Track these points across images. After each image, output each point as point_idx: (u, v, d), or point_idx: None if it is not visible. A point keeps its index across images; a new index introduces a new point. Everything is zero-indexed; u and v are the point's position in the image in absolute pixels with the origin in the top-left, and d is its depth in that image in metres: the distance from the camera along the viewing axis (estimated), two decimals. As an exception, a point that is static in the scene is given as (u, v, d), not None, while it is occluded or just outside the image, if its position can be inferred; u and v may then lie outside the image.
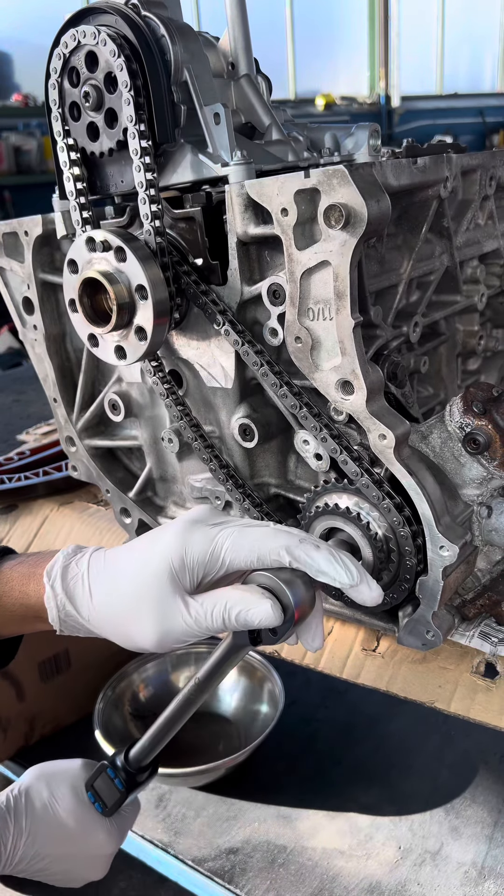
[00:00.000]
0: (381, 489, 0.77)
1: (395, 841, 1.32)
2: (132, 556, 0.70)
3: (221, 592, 0.66)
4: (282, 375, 0.82)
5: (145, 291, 0.80)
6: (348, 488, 0.80)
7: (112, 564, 0.71)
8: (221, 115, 0.81)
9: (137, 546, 0.71)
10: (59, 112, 0.87)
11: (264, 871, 1.29)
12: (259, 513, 0.90)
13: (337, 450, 0.80)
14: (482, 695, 0.82)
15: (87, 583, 0.71)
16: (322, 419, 0.80)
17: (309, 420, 0.81)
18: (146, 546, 0.70)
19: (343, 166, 0.67)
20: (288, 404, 0.82)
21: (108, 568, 0.71)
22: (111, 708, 1.56)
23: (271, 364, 0.82)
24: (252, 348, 0.82)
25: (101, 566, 0.71)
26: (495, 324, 1.14)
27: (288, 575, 0.65)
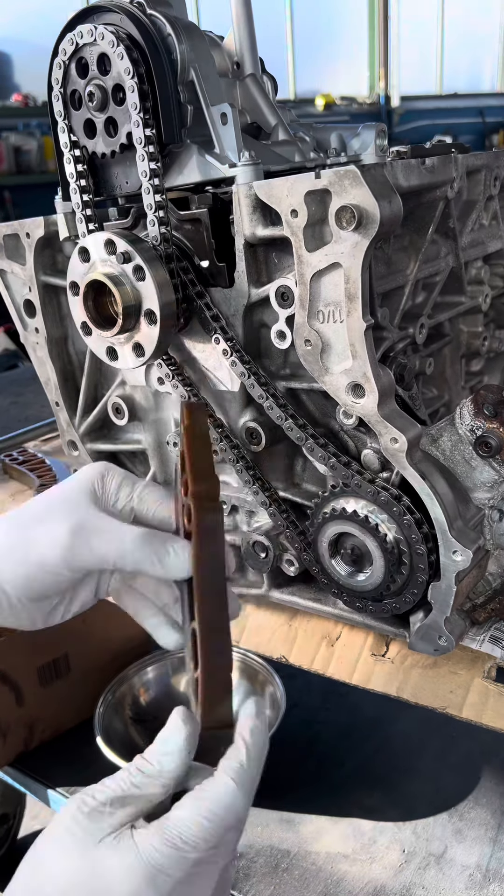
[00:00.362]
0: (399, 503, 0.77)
1: (399, 844, 1.32)
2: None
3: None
4: (268, 388, 0.82)
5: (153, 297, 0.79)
6: (357, 493, 0.80)
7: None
8: (228, 115, 0.81)
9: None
10: (60, 91, 0.85)
11: (268, 875, 1.28)
12: (285, 520, 0.89)
13: (325, 457, 0.79)
14: (494, 700, 0.81)
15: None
16: (308, 430, 0.80)
17: (294, 431, 0.80)
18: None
19: (355, 167, 0.66)
20: (274, 416, 0.81)
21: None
22: (112, 712, 1.55)
23: (258, 375, 0.82)
24: (240, 357, 0.81)
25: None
26: (498, 324, 1.13)
27: None
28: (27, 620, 0.70)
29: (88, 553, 0.64)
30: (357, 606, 0.86)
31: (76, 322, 0.89)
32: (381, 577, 0.81)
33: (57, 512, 0.66)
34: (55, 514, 0.66)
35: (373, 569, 0.82)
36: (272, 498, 0.89)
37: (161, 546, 0.64)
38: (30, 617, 0.70)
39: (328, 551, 0.85)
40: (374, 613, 0.86)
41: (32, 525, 0.66)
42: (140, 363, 0.85)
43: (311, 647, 0.96)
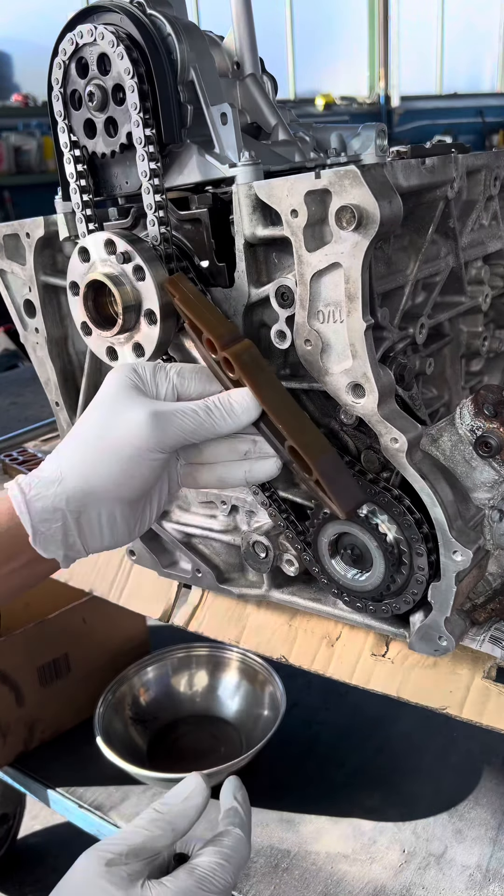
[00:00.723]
0: (399, 503, 0.77)
1: (399, 844, 1.32)
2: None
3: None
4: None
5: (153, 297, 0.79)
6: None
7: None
8: (228, 114, 0.81)
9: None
10: (60, 91, 0.85)
11: (268, 875, 1.28)
12: (285, 520, 0.89)
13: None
14: (494, 700, 0.81)
15: (49, 459, 0.68)
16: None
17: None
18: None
19: (355, 167, 0.66)
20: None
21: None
22: (112, 712, 1.55)
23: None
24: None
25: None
26: (498, 324, 1.13)
27: None
28: (124, 533, 0.71)
29: (174, 430, 0.68)
30: (357, 606, 0.86)
31: (76, 322, 0.89)
32: (381, 577, 0.81)
33: (121, 406, 0.69)
34: (121, 408, 0.69)
35: (373, 569, 0.82)
36: (272, 498, 0.89)
37: (225, 403, 0.70)
38: (126, 525, 0.71)
39: (328, 551, 0.85)
40: (374, 613, 0.86)
41: (107, 427, 0.69)
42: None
43: (311, 647, 0.96)
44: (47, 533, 0.67)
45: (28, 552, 0.67)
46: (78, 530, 0.68)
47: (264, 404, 0.70)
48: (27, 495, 0.67)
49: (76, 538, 0.69)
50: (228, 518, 1.00)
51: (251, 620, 1.03)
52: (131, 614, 1.24)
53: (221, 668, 1.65)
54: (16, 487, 0.68)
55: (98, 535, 0.70)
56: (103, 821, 1.42)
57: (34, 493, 0.67)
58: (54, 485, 0.67)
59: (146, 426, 0.68)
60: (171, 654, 1.68)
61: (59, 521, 0.67)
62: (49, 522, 0.67)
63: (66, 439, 0.71)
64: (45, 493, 0.67)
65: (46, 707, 1.62)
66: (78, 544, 0.69)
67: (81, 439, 0.70)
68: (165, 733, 1.58)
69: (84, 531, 0.69)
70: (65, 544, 0.68)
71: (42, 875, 1.89)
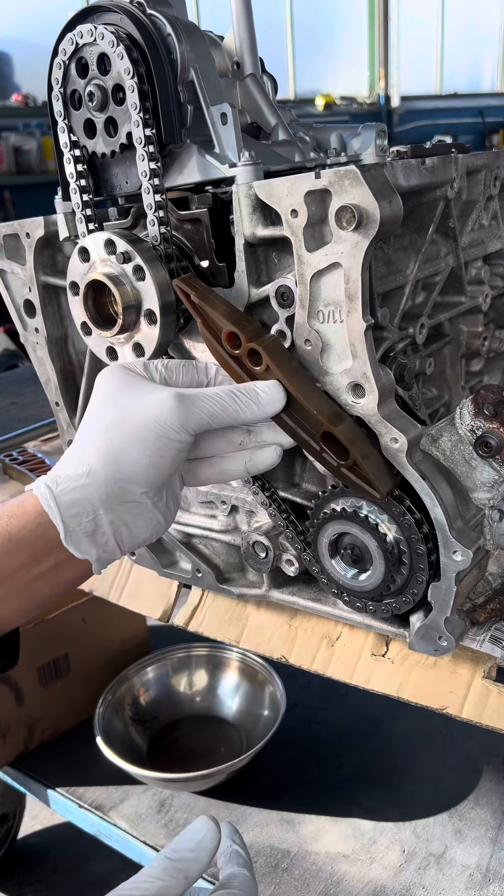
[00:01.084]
0: (399, 503, 0.77)
1: (399, 844, 1.32)
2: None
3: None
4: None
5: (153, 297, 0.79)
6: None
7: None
8: (228, 114, 0.81)
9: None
10: (60, 91, 0.85)
11: (268, 875, 1.28)
12: (284, 520, 0.89)
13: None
14: (494, 700, 0.81)
15: (70, 455, 0.67)
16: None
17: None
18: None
19: (355, 167, 0.66)
20: None
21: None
22: (111, 713, 1.55)
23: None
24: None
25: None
26: (498, 324, 1.13)
27: None
28: (155, 524, 0.70)
29: (198, 412, 0.68)
30: (357, 606, 0.86)
31: (76, 322, 0.89)
32: (381, 577, 0.81)
33: (138, 391, 0.70)
34: (138, 393, 0.69)
35: (373, 569, 0.82)
36: (272, 498, 0.89)
37: (251, 392, 0.71)
38: (156, 516, 0.70)
39: (328, 551, 0.85)
40: (374, 613, 0.86)
41: (129, 410, 0.68)
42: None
43: (311, 647, 0.96)
44: (79, 529, 0.65)
45: (57, 553, 0.65)
46: (110, 523, 0.66)
47: (296, 392, 0.72)
48: (55, 491, 0.65)
49: (109, 533, 0.67)
50: (228, 518, 1.00)
51: (251, 620, 1.03)
52: (131, 614, 1.24)
53: (221, 668, 1.65)
54: (42, 485, 0.65)
55: (131, 527, 0.68)
56: (103, 821, 1.41)
57: (62, 487, 0.65)
58: (83, 477, 0.65)
59: (172, 405, 0.67)
60: (171, 654, 1.68)
61: (90, 514, 0.65)
62: (80, 517, 0.65)
63: (83, 434, 0.69)
64: (73, 485, 0.65)
65: (46, 707, 1.62)
66: (112, 541, 0.67)
67: (102, 428, 0.68)
68: (165, 733, 1.58)
69: (116, 524, 0.67)
70: (97, 542, 0.66)
71: (42, 875, 1.89)
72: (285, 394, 0.73)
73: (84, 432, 0.69)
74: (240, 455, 0.76)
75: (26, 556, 0.65)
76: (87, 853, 1.86)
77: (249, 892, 0.68)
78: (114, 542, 0.68)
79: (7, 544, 0.64)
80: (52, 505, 0.64)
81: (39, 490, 0.65)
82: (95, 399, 0.71)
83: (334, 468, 0.74)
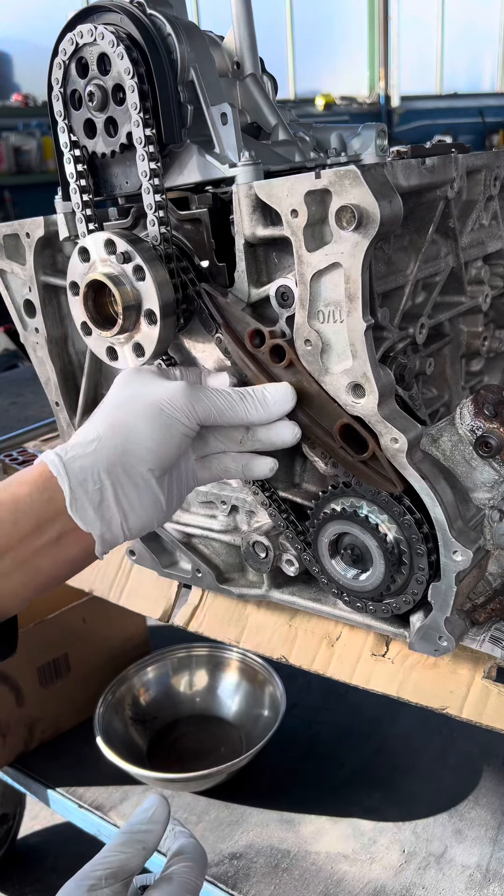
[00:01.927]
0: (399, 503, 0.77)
1: (399, 844, 1.32)
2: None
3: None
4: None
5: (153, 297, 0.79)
6: (357, 492, 0.80)
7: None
8: (228, 114, 0.81)
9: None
10: (60, 91, 0.85)
11: (268, 875, 1.28)
12: (284, 520, 0.89)
13: (325, 456, 0.80)
14: (494, 699, 0.81)
15: (82, 427, 0.70)
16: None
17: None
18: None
19: (355, 167, 0.66)
20: None
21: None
22: (111, 712, 1.55)
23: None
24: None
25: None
26: (498, 324, 1.13)
27: None
28: (159, 506, 0.72)
29: (206, 403, 0.72)
30: (357, 606, 0.86)
31: (76, 322, 0.89)
32: (381, 577, 0.81)
33: (152, 378, 0.74)
34: (152, 380, 0.74)
35: (373, 569, 0.82)
36: (272, 498, 0.89)
37: (259, 394, 0.75)
38: (161, 497, 0.72)
39: (328, 551, 0.85)
40: (374, 613, 0.85)
41: (141, 392, 0.72)
42: (140, 363, 0.85)
43: (311, 647, 0.96)
44: (84, 497, 0.66)
45: (61, 521, 0.66)
46: (115, 497, 0.68)
47: (316, 387, 0.75)
48: (64, 458, 0.67)
49: (114, 509, 0.68)
50: (228, 518, 1.00)
51: (251, 620, 1.03)
52: (131, 614, 1.24)
53: (221, 668, 1.65)
54: (51, 453, 0.68)
55: (135, 504, 0.69)
56: (103, 821, 1.42)
57: (71, 454, 0.67)
58: (91, 444, 0.68)
59: (183, 390, 0.71)
60: (171, 654, 1.68)
61: (96, 482, 0.67)
62: (86, 484, 0.66)
63: (96, 413, 0.73)
64: (82, 452, 0.67)
65: (46, 707, 1.62)
66: (116, 518, 0.68)
67: (114, 405, 0.72)
68: (165, 733, 1.59)
69: (121, 499, 0.68)
70: (102, 516, 0.67)
71: (42, 875, 1.89)
72: (294, 396, 0.76)
73: (97, 411, 0.73)
74: (240, 457, 0.80)
75: (31, 524, 0.66)
76: (87, 853, 1.85)
77: (200, 857, 0.73)
78: (118, 521, 0.69)
79: (14, 512, 0.65)
80: (60, 470, 0.66)
81: (48, 457, 0.67)
82: (111, 388, 0.76)
83: (350, 463, 0.76)
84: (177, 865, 0.72)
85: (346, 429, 0.75)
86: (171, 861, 0.73)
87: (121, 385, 0.75)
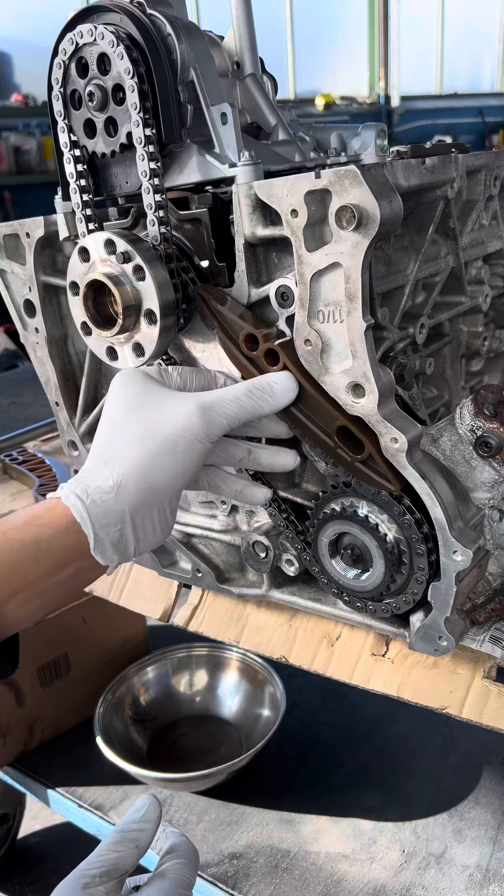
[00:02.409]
0: (399, 503, 0.77)
1: (399, 844, 1.32)
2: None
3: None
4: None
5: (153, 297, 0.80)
6: (357, 492, 0.80)
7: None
8: (228, 114, 0.81)
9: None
10: (60, 91, 0.85)
11: (268, 875, 1.28)
12: (284, 520, 0.89)
13: (325, 456, 0.80)
14: (494, 699, 0.81)
15: (96, 464, 0.70)
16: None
17: (294, 429, 0.82)
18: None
19: (355, 166, 0.66)
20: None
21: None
22: (112, 712, 1.55)
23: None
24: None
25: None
26: (498, 324, 1.13)
27: None
28: (170, 526, 0.73)
29: (219, 418, 0.72)
30: (357, 606, 0.86)
31: (76, 322, 0.89)
32: (381, 577, 0.81)
33: (161, 401, 0.73)
34: (162, 404, 0.73)
35: (373, 569, 0.82)
36: (272, 498, 0.89)
37: (265, 385, 0.75)
38: (173, 518, 0.73)
39: (328, 551, 0.85)
40: (374, 613, 0.86)
41: (156, 423, 0.71)
42: (140, 363, 0.85)
43: (311, 647, 0.96)
44: (106, 539, 0.68)
45: (82, 560, 0.68)
46: (133, 532, 0.69)
47: (312, 388, 0.75)
48: (86, 502, 0.67)
49: (131, 541, 0.70)
50: (228, 518, 1.00)
51: (251, 620, 1.03)
52: (131, 614, 1.24)
53: (221, 667, 1.65)
54: (72, 495, 0.68)
55: (151, 533, 0.71)
56: (103, 821, 1.42)
57: (93, 499, 0.68)
58: (113, 490, 0.68)
59: (197, 415, 0.71)
60: (171, 654, 1.68)
61: (118, 524, 0.68)
62: (109, 527, 0.68)
63: (110, 446, 0.71)
64: (104, 497, 0.68)
65: (46, 707, 1.62)
66: (131, 547, 0.70)
67: (130, 441, 0.70)
68: (165, 733, 1.58)
69: (138, 532, 0.70)
70: (120, 550, 0.70)
71: (42, 875, 1.89)
72: (297, 385, 0.76)
73: (110, 443, 0.72)
74: (235, 481, 0.82)
75: (52, 563, 0.67)
76: (87, 853, 1.86)
77: (192, 854, 0.74)
78: (132, 549, 0.71)
79: (35, 551, 0.67)
80: (84, 516, 0.67)
81: (70, 500, 0.68)
82: (116, 407, 0.74)
83: (348, 463, 0.77)
84: (170, 862, 0.73)
85: (343, 430, 0.75)
86: (163, 859, 0.74)
87: (128, 409, 0.73)
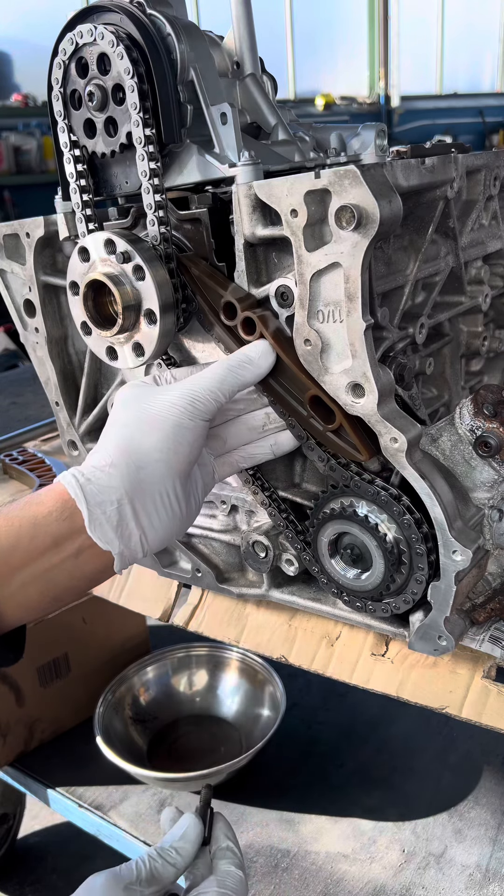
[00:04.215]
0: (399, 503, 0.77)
1: (399, 844, 1.32)
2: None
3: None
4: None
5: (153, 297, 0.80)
6: (357, 492, 0.80)
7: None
8: (228, 114, 0.81)
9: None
10: (60, 91, 0.85)
11: (268, 875, 1.28)
12: (284, 520, 0.89)
13: (324, 456, 0.80)
14: (494, 699, 0.81)
15: (93, 452, 0.72)
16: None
17: (294, 429, 0.82)
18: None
19: (354, 166, 0.66)
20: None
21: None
22: (111, 712, 1.55)
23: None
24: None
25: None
26: (498, 324, 1.13)
27: None
28: (179, 516, 0.74)
29: (201, 394, 0.73)
30: (357, 606, 0.86)
31: (76, 322, 0.89)
32: (380, 576, 0.81)
33: (151, 393, 0.76)
34: (151, 395, 0.75)
35: (372, 568, 0.82)
36: (272, 498, 0.89)
37: (242, 355, 0.77)
38: (180, 507, 0.73)
39: (328, 551, 0.85)
40: (373, 613, 0.86)
41: (143, 409, 0.73)
42: (140, 363, 0.85)
43: (311, 647, 0.96)
44: (103, 517, 0.68)
45: (80, 539, 0.67)
46: (133, 515, 0.69)
47: (287, 358, 0.77)
48: (80, 479, 0.68)
49: (132, 526, 0.69)
50: (228, 518, 1.00)
51: (251, 620, 1.03)
52: (131, 614, 1.24)
53: (221, 667, 1.65)
54: (68, 474, 0.69)
55: (154, 520, 0.71)
56: (103, 821, 1.41)
57: (87, 476, 0.69)
58: (106, 467, 0.69)
59: (178, 398, 0.72)
60: (171, 654, 1.68)
61: (114, 503, 0.68)
62: (104, 505, 0.68)
63: (105, 435, 0.74)
64: (98, 474, 0.69)
65: (46, 707, 1.62)
66: (135, 535, 0.70)
67: (121, 425, 0.73)
68: (165, 733, 1.58)
69: (140, 517, 0.70)
70: (121, 535, 0.69)
71: (42, 875, 1.89)
72: (274, 353, 0.78)
73: (105, 434, 0.74)
74: (265, 440, 0.83)
75: (49, 541, 0.67)
76: (87, 853, 1.86)
77: (241, 890, 0.73)
78: (137, 538, 0.70)
79: (33, 529, 0.67)
80: (77, 492, 0.67)
81: (66, 478, 0.69)
82: (114, 408, 0.76)
83: (320, 432, 0.79)
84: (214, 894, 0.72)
85: (315, 399, 0.77)
86: (211, 888, 0.72)
87: (123, 405, 0.76)
